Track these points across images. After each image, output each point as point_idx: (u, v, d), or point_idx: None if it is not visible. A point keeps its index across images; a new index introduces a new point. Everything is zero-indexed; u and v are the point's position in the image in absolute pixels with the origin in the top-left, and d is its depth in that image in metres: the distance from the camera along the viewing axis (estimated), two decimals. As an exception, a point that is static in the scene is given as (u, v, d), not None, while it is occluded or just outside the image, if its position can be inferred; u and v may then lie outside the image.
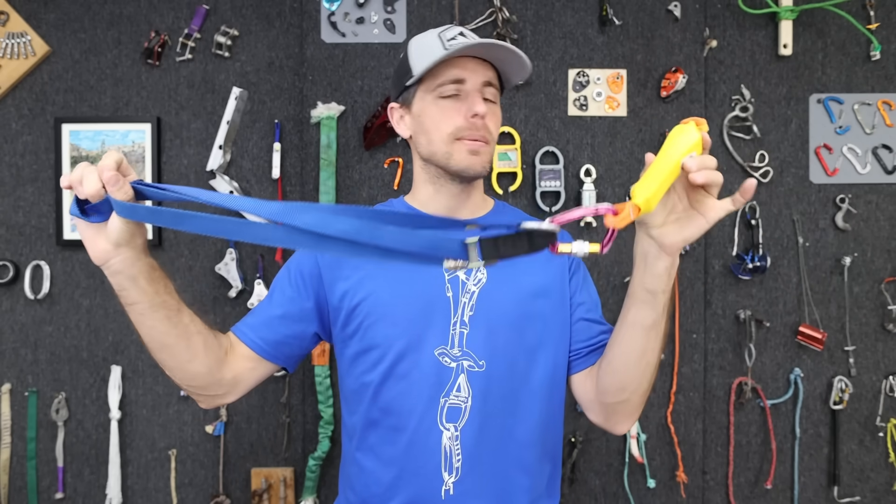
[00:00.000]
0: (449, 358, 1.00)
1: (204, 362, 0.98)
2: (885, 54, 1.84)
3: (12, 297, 1.83)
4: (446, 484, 0.99)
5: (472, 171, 1.01)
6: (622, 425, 1.03)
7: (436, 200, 1.08)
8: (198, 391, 1.03)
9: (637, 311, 0.91)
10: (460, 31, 1.03)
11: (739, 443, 1.85)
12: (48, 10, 1.82)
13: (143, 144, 1.82)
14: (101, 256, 0.85)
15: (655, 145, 1.79)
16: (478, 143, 1.01)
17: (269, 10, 1.85)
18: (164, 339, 0.93)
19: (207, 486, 1.85)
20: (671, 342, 1.80)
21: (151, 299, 0.89)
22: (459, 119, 1.00)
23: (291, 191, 1.85)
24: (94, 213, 0.82)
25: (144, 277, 0.87)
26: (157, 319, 0.90)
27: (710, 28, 1.82)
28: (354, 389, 1.06)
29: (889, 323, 1.84)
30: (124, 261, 0.85)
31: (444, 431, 0.99)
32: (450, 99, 1.01)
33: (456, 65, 1.00)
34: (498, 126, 1.06)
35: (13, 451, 1.84)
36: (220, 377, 1.01)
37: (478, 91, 1.01)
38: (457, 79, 1.00)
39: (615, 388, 0.98)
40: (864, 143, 1.84)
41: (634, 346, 0.94)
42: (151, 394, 1.85)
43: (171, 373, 0.99)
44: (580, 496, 1.81)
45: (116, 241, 0.83)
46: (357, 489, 1.06)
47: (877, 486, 1.86)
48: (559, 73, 1.80)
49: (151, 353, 0.96)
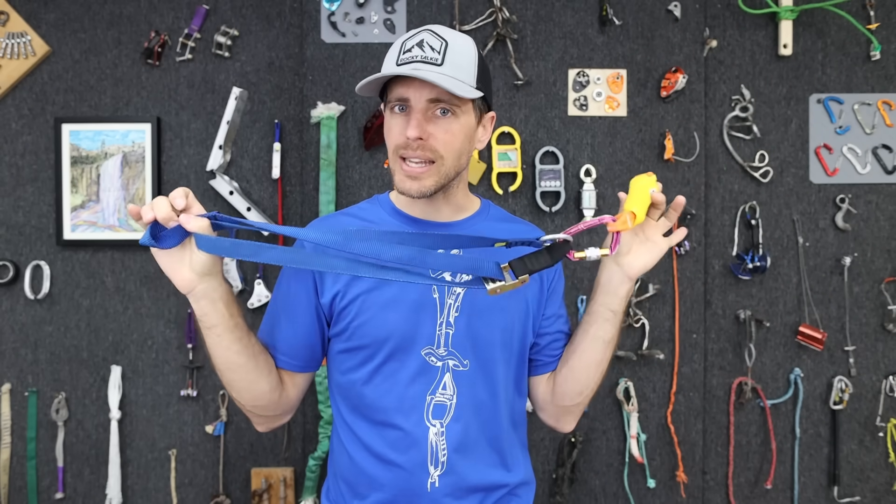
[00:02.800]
0: (435, 357, 1.04)
1: (268, 381, 1.04)
2: (885, 54, 1.84)
3: (12, 297, 1.83)
4: (432, 477, 1.03)
5: (409, 194, 1.02)
6: (570, 424, 1.17)
7: (413, 204, 1.10)
8: (261, 411, 1.07)
9: (599, 328, 1.06)
10: (420, 41, 1.00)
11: (739, 443, 1.85)
12: (48, 10, 1.82)
13: (143, 144, 1.82)
14: (186, 285, 0.91)
15: (655, 145, 1.80)
16: (415, 169, 1.01)
17: (269, 10, 1.85)
18: (237, 358, 0.98)
19: (207, 486, 1.85)
20: (671, 342, 1.80)
21: (228, 322, 0.95)
22: (401, 138, 1.01)
23: (291, 191, 1.85)
24: (166, 239, 0.89)
25: (223, 301, 0.94)
26: (232, 340, 0.96)
27: (710, 28, 1.82)
28: (342, 384, 1.09)
29: (889, 323, 1.84)
30: (208, 287, 0.92)
31: (431, 427, 1.04)
32: (399, 114, 1.02)
33: (402, 82, 1.00)
34: (450, 143, 1.02)
35: (13, 451, 1.84)
36: (279, 395, 1.07)
37: (420, 111, 1.00)
38: (400, 97, 1.01)
39: (574, 392, 1.11)
40: (864, 143, 1.84)
41: (595, 356, 1.08)
42: (151, 394, 1.85)
43: (239, 394, 1.04)
44: (580, 496, 1.81)
45: (201, 271, 0.91)
46: (346, 476, 1.09)
47: (877, 486, 1.86)
48: (559, 73, 1.80)
49: (222, 374, 1.01)
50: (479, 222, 1.13)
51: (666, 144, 1.78)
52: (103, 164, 1.82)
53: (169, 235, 0.89)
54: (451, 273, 1.02)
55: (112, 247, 1.84)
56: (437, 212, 1.10)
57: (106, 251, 1.84)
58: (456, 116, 1.02)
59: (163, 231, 0.88)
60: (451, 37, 1.02)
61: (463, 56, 1.01)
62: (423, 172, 1.01)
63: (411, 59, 0.99)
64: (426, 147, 1.00)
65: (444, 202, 1.10)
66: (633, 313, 1.79)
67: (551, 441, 1.81)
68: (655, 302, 1.80)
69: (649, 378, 1.81)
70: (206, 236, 0.87)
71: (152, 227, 0.87)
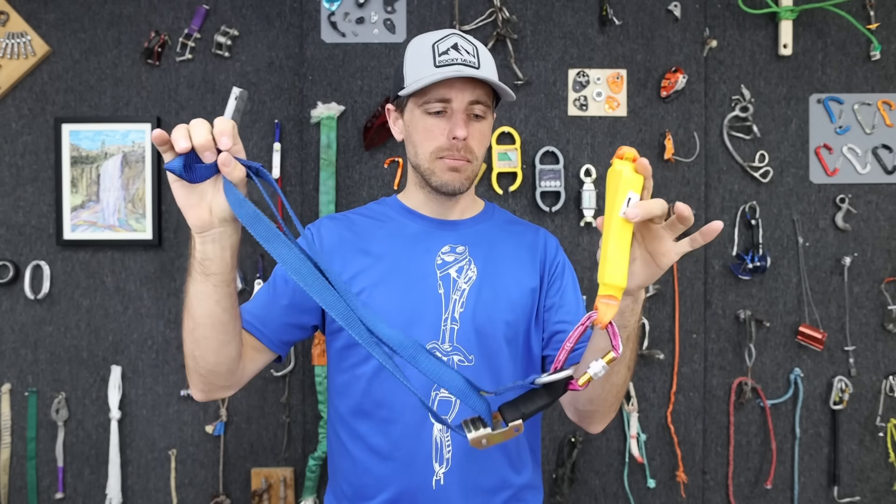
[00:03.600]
0: (440, 353, 1.04)
1: (236, 346, 0.96)
2: (885, 54, 1.84)
3: (12, 297, 1.83)
4: (437, 474, 1.02)
5: (451, 187, 1.06)
6: (595, 427, 1.07)
7: (426, 205, 1.13)
8: (215, 378, 0.98)
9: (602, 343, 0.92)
10: (454, 44, 1.04)
11: (739, 443, 1.85)
12: (48, 10, 1.82)
13: (143, 144, 1.82)
14: (201, 224, 0.82)
15: (655, 145, 1.79)
16: (458, 162, 1.05)
17: (269, 10, 1.85)
18: (222, 315, 0.90)
19: (207, 486, 1.85)
20: (671, 342, 1.80)
21: (228, 274, 0.87)
22: (442, 139, 1.04)
23: (291, 191, 1.85)
24: (197, 172, 0.78)
25: (232, 250, 0.85)
26: (224, 294, 0.88)
27: (710, 28, 1.82)
28: (345, 381, 1.08)
29: (889, 323, 1.84)
30: (223, 233, 0.83)
31: (435, 424, 1.03)
32: (435, 116, 1.04)
33: (444, 83, 1.02)
34: (483, 144, 1.08)
35: (13, 451, 1.84)
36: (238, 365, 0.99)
37: (463, 111, 1.03)
38: (443, 98, 1.03)
39: (584, 400, 1.02)
40: (864, 143, 1.84)
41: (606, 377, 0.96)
42: (151, 394, 1.85)
43: (203, 356, 0.94)
44: (580, 496, 1.81)
45: (222, 217, 0.81)
46: (350, 479, 1.08)
47: (877, 486, 1.86)
48: (559, 73, 1.80)
49: (196, 328, 0.91)
50: (485, 221, 1.15)
51: (666, 144, 1.78)
52: (103, 164, 1.82)
53: (201, 170, 0.78)
54: None
55: (112, 247, 1.84)
56: (449, 211, 1.13)
57: (106, 251, 1.84)
58: (486, 118, 1.07)
59: (196, 163, 0.78)
60: (476, 41, 1.07)
61: (490, 60, 1.08)
62: (463, 166, 1.05)
63: (452, 61, 1.02)
64: (467, 148, 1.04)
65: (455, 204, 1.12)
66: (633, 313, 1.78)
67: (551, 441, 1.81)
68: (655, 302, 1.80)
69: (649, 378, 1.81)
70: (237, 192, 0.77)
71: (185, 156, 0.78)
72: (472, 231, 1.12)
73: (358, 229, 1.12)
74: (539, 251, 1.15)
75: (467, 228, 1.12)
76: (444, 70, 1.00)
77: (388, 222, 1.12)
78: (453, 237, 1.10)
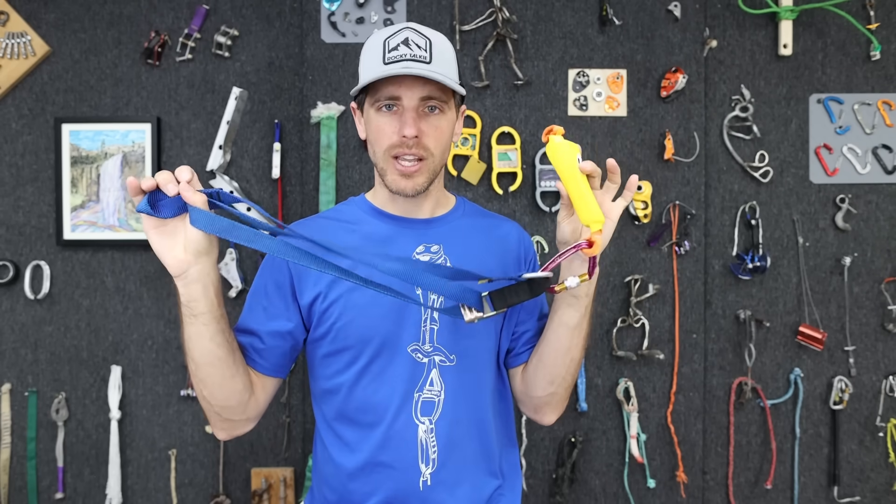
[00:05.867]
0: (421, 354, 1.03)
1: (242, 379, 0.98)
2: (885, 54, 1.84)
3: (12, 297, 1.83)
4: (424, 475, 1.02)
5: (403, 194, 1.03)
6: (550, 416, 1.14)
7: (394, 203, 1.10)
8: (229, 413, 1.01)
9: (563, 313, 1.03)
10: (405, 39, 1.01)
11: (739, 443, 1.85)
12: (48, 10, 1.83)
13: (143, 144, 1.82)
14: (178, 266, 0.85)
15: (655, 145, 1.80)
16: (409, 167, 1.01)
17: (269, 10, 1.85)
18: (219, 351, 0.93)
19: (207, 486, 1.85)
20: (671, 342, 1.80)
21: (216, 310, 0.90)
22: (394, 137, 1.01)
23: (291, 191, 1.85)
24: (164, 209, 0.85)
25: (214, 287, 0.89)
26: (216, 331, 0.91)
27: (710, 28, 1.82)
28: (327, 389, 1.07)
29: (889, 323, 1.84)
30: (202, 270, 0.86)
31: (420, 425, 1.03)
32: (387, 114, 1.01)
33: (392, 81, 0.99)
34: (441, 139, 1.04)
35: (13, 451, 1.84)
36: (249, 396, 1.01)
37: (413, 109, 1.00)
38: (392, 96, 1.00)
39: (545, 381, 1.09)
40: (864, 143, 1.84)
41: (561, 343, 1.05)
42: (151, 394, 1.85)
43: (211, 393, 0.97)
44: (580, 496, 1.81)
45: (196, 250, 0.85)
46: (334, 486, 1.07)
47: (877, 486, 1.86)
48: (559, 73, 1.80)
49: (199, 369, 0.94)
50: (457, 218, 1.14)
51: (666, 144, 1.78)
52: (103, 164, 1.82)
53: (167, 205, 0.84)
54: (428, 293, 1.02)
55: (112, 247, 1.84)
56: (418, 209, 1.10)
57: (106, 251, 1.84)
58: (443, 113, 1.03)
59: (162, 199, 0.84)
60: (431, 34, 1.03)
61: (446, 52, 1.03)
62: (416, 171, 1.02)
63: (400, 57, 0.99)
64: (419, 145, 1.01)
65: (424, 199, 1.10)
66: (633, 313, 1.79)
67: (551, 441, 1.81)
68: (655, 302, 1.80)
69: (649, 378, 1.81)
70: (203, 211, 0.83)
71: (150, 196, 0.84)
72: (445, 229, 1.11)
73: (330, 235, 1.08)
74: (513, 245, 1.15)
75: (441, 227, 1.10)
76: (391, 67, 0.98)
77: (359, 225, 1.10)
78: (427, 236, 1.08)
